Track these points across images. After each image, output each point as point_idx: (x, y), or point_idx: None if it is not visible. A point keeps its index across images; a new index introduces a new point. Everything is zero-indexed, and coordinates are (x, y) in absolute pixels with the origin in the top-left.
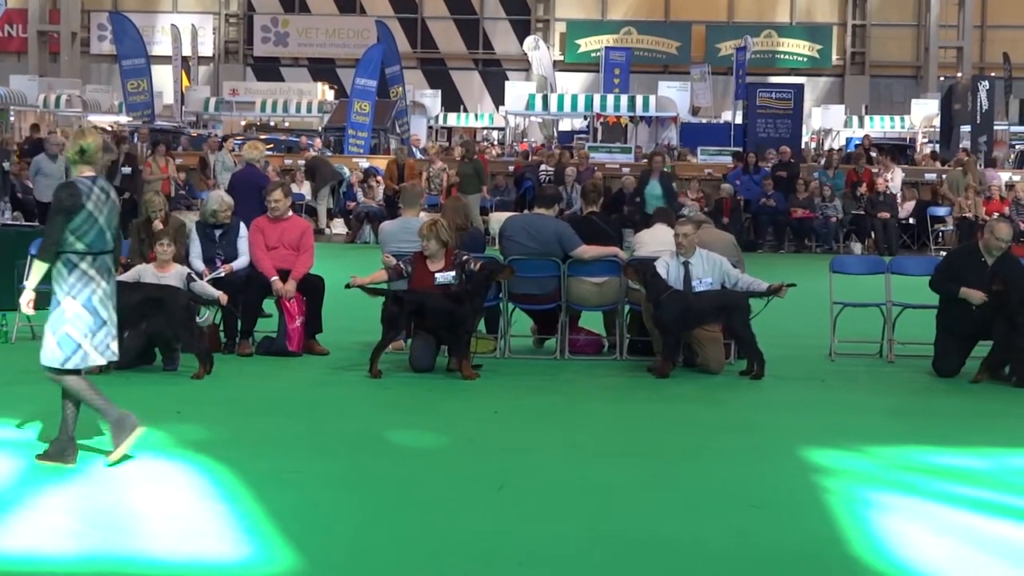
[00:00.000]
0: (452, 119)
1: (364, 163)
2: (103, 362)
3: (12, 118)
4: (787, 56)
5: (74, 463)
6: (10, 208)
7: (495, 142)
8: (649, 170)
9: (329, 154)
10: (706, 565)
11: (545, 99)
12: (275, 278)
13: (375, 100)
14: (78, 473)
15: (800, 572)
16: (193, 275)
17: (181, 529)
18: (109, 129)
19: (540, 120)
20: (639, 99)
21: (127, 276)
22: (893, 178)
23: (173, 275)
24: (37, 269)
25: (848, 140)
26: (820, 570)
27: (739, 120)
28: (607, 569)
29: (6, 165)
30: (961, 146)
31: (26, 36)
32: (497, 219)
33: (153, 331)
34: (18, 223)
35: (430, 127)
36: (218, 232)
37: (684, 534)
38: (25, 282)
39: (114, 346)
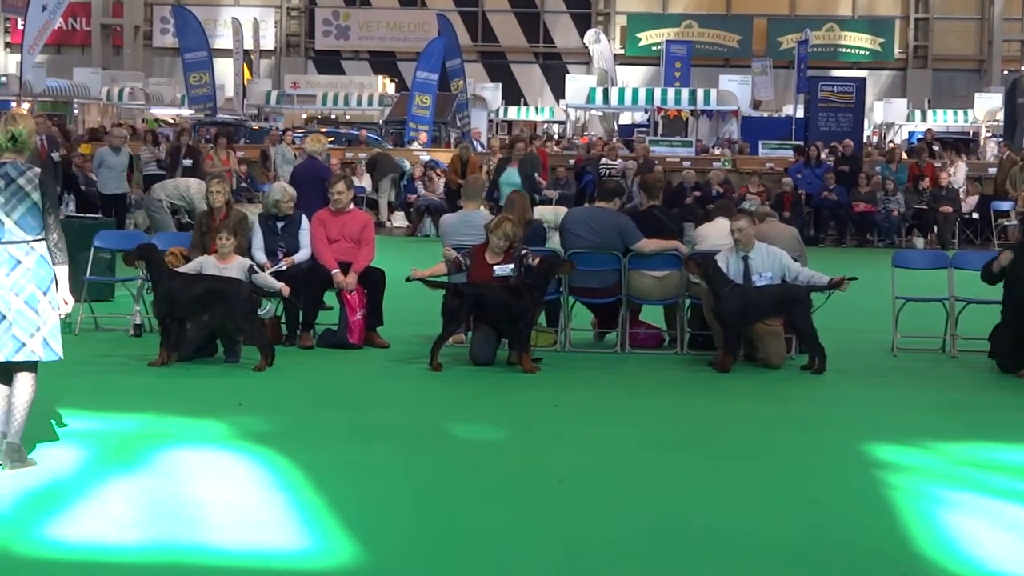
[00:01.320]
0: (512, 112)
1: (425, 156)
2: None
3: (76, 111)
4: (849, 50)
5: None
6: (74, 201)
7: (555, 135)
8: (507, 157)
9: (390, 147)
10: (765, 560)
11: (606, 92)
12: (336, 271)
13: (436, 93)
14: (141, 464)
15: (860, 567)
16: (255, 267)
17: (242, 520)
18: (171, 122)
19: (600, 114)
20: (700, 93)
21: (188, 268)
22: (956, 172)
23: (235, 267)
24: None
25: (910, 134)
26: (881, 565)
27: (800, 114)
28: (666, 562)
29: (55, 156)
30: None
31: (90, 29)
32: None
33: (215, 323)
34: (81, 215)
35: (490, 120)
36: (280, 224)
37: (744, 528)
38: None
39: (14, 346)
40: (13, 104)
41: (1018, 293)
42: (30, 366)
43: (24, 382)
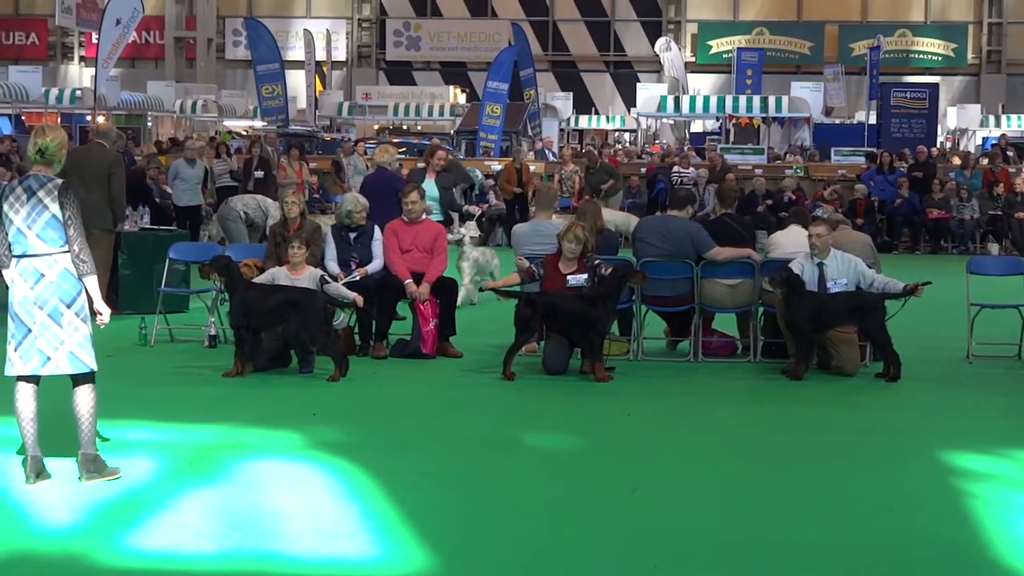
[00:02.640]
0: (583, 121)
1: (496, 166)
2: (26, 371)
3: (150, 123)
4: (921, 55)
5: (33, 481)
6: (148, 213)
7: (627, 143)
8: (424, 167)
9: (462, 156)
10: (840, 568)
11: (677, 101)
12: (409, 281)
13: (506, 103)
14: (216, 474)
15: (938, 575)
16: (326, 277)
17: (317, 529)
18: (244, 134)
19: (672, 122)
20: (771, 100)
21: (261, 279)
22: None
23: (306, 277)
24: None
25: (984, 139)
26: (958, 573)
27: (873, 120)
28: (741, 571)
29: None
30: None
31: (163, 43)
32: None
33: (290, 333)
34: (155, 227)
35: (561, 129)
36: (353, 235)
37: (819, 536)
38: None
39: (40, 360)
40: (88, 117)
41: None
42: (83, 377)
43: (82, 394)
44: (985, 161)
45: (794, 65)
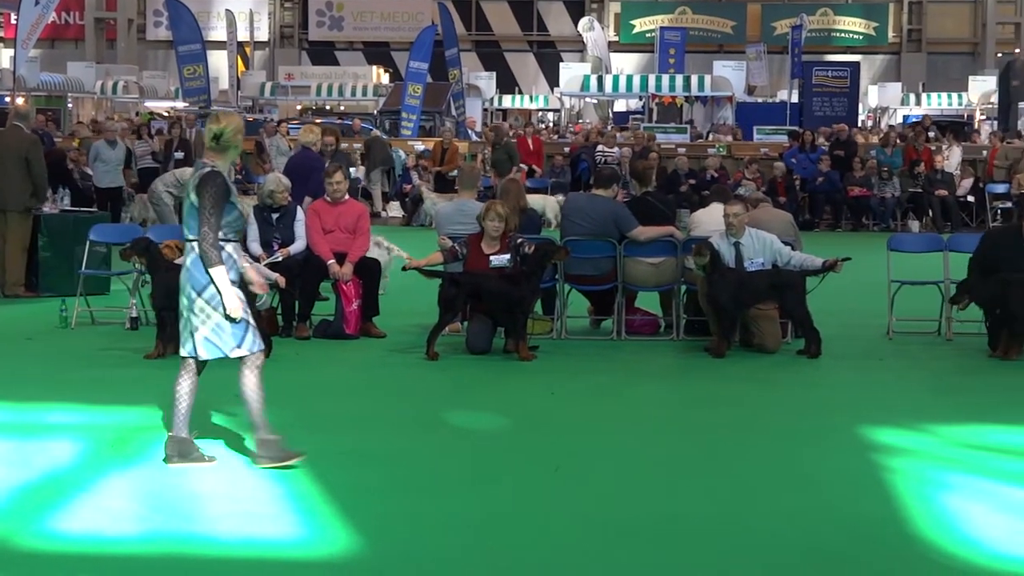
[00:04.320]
0: (507, 101)
1: (420, 146)
2: (182, 352)
3: (70, 105)
4: (843, 34)
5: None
6: (68, 195)
7: (551, 123)
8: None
9: (385, 137)
10: (762, 544)
11: (600, 80)
12: (332, 261)
13: (426, 83)
14: (138, 457)
15: (858, 550)
16: (248, 258)
17: (239, 511)
18: (166, 114)
19: (595, 101)
20: (694, 79)
21: (181, 260)
22: (950, 156)
23: None
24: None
25: (905, 117)
26: (879, 548)
27: (795, 99)
28: (664, 548)
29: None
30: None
31: (83, 23)
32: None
33: None
34: (76, 209)
35: (485, 109)
36: (275, 215)
37: (738, 513)
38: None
39: (182, 340)
40: (7, 99)
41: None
42: (190, 361)
43: (180, 375)
44: (900, 141)
45: (717, 44)
